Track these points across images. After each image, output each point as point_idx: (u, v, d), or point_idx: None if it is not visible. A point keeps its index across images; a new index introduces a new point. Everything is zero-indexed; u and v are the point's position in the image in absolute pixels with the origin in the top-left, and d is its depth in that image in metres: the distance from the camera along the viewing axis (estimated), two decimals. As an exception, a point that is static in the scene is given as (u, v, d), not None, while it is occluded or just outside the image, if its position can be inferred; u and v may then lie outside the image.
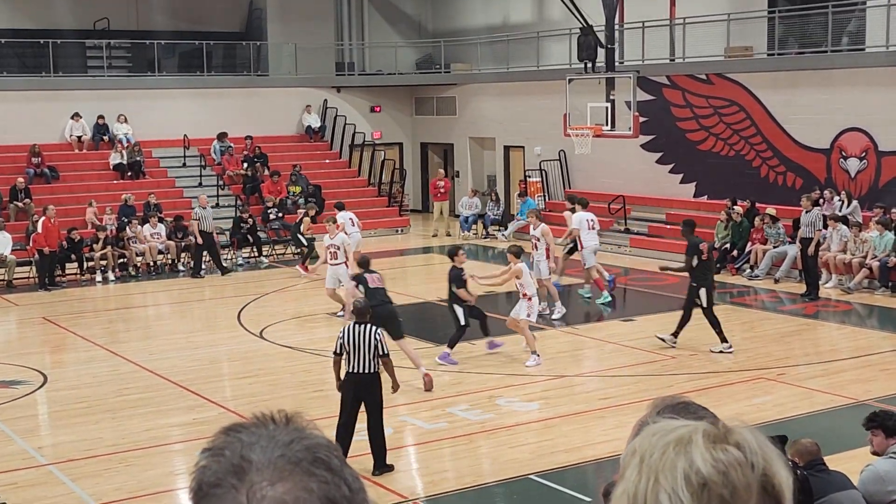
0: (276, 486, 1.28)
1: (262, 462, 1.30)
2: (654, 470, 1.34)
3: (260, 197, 28.27)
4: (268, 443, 1.32)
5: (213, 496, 1.29)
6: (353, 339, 10.62)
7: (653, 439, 1.38)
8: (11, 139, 27.73)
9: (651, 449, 1.36)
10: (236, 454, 1.31)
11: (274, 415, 1.39)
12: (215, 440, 1.36)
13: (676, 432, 1.37)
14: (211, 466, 1.32)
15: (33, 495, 10.17)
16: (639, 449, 1.38)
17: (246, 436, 1.34)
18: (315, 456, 1.32)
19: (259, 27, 33.62)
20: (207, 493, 1.30)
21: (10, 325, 19.62)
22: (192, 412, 12.95)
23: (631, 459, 1.38)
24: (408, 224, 30.36)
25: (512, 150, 31.17)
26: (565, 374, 14.42)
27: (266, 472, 1.29)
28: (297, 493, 1.28)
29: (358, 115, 32.97)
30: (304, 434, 1.35)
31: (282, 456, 1.30)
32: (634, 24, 26.50)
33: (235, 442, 1.34)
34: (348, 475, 1.34)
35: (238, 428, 1.37)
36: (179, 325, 19.13)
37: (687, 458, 1.32)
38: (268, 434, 1.34)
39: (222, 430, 1.38)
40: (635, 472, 1.36)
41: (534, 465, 10.76)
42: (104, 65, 30.98)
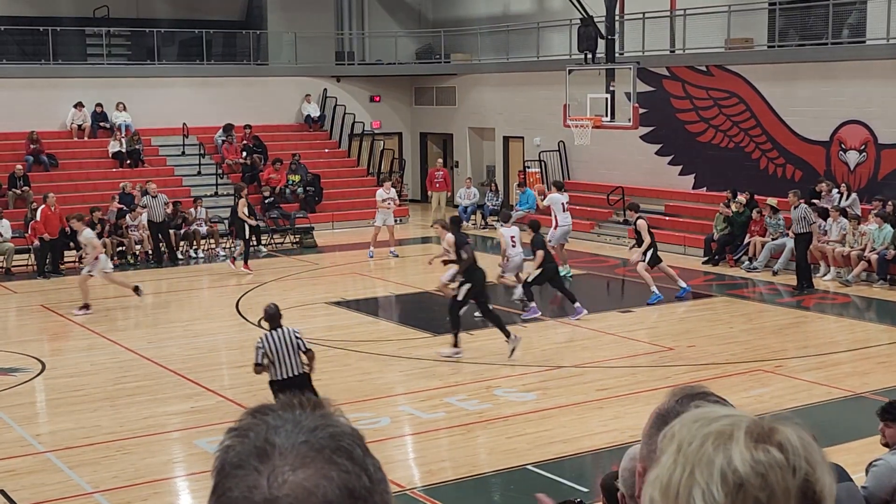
0: (297, 471, 1.29)
1: (285, 446, 1.31)
2: (691, 462, 1.30)
3: (258, 186, 28.26)
4: (293, 427, 1.33)
5: (234, 476, 1.31)
6: (275, 346, 10.59)
7: (693, 427, 1.34)
8: (11, 126, 27.70)
9: (690, 437, 1.32)
10: (261, 437, 1.32)
11: (301, 400, 1.39)
12: (242, 421, 1.37)
13: (718, 423, 1.32)
14: (235, 447, 1.33)
15: (31, 482, 10.18)
16: (677, 435, 1.34)
17: (272, 419, 1.35)
18: (338, 444, 1.33)
19: (259, 16, 33.57)
20: (230, 472, 1.32)
21: (9, 312, 19.62)
22: (190, 400, 12.96)
23: (668, 445, 1.34)
24: (407, 214, 30.34)
25: (511, 140, 31.16)
26: (563, 364, 14.43)
27: (289, 457, 1.30)
28: (317, 480, 1.28)
29: (357, 104, 32.94)
30: (330, 421, 1.36)
31: (305, 442, 1.31)
32: (635, 14, 26.46)
33: (261, 424, 1.34)
34: (370, 465, 1.34)
35: (265, 410, 1.38)
36: (178, 313, 19.12)
37: (725, 455, 1.28)
38: (293, 419, 1.35)
39: (249, 412, 1.39)
40: (671, 460, 1.32)
41: (531, 455, 10.78)
42: (104, 53, 30.94)
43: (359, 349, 15.45)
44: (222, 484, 1.32)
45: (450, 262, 15.42)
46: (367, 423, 11.82)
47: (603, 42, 22.54)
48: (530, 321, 16.93)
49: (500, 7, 32.71)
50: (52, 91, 28.62)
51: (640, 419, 10.50)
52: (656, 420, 2.04)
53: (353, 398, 12.90)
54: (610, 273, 22.32)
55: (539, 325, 16.99)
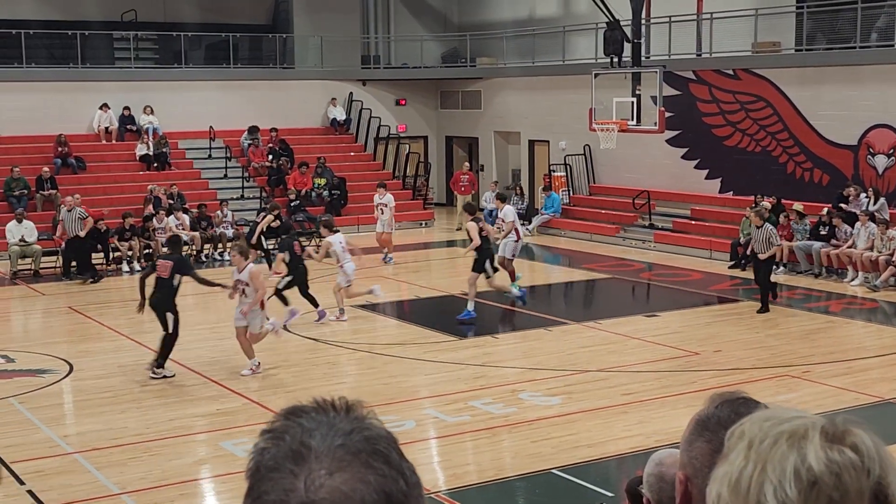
0: (334, 475, 1.28)
1: (321, 450, 1.30)
2: (763, 458, 1.30)
3: (284, 189, 28.36)
4: (328, 430, 1.32)
5: (270, 479, 1.30)
6: None
7: (765, 425, 1.33)
8: (39, 129, 27.93)
9: (762, 435, 1.32)
10: (296, 439, 1.31)
11: (335, 401, 1.38)
12: (276, 423, 1.36)
13: (791, 423, 1.32)
14: (270, 449, 1.32)
15: (59, 483, 10.25)
16: (748, 433, 1.33)
17: (307, 421, 1.34)
18: (374, 448, 1.32)
19: (285, 20, 33.69)
20: (265, 475, 1.31)
21: (37, 314, 19.77)
22: (215, 403, 13.01)
23: (738, 443, 1.34)
24: (432, 217, 30.37)
25: (537, 144, 31.13)
26: (588, 368, 14.40)
27: (325, 461, 1.29)
28: (354, 484, 1.27)
29: (383, 108, 33.00)
30: (365, 424, 1.35)
31: (341, 445, 1.30)
32: (661, 18, 26.39)
33: (296, 427, 1.33)
34: (406, 469, 1.34)
35: (299, 412, 1.36)
36: (204, 315, 19.20)
37: (800, 454, 1.28)
38: (328, 421, 1.34)
39: (283, 414, 1.37)
40: (741, 457, 1.32)
41: (556, 459, 10.76)
42: (131, 56, 31.14)
43: (384, 352, 15.47)
44: (258, 487, 1.31)
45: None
46: (392, 427, 11.75)
47: (629, 46, 22.49)
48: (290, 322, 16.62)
49: (526, 11, 32.70)
50: (80, 94, 28.83)
51: (666, 424, 10.49)
52: (696, 427, 2.04)
53: (379, 401, 12.90)
54: (635, 277, 22.25)
55: (564, 328, 16.96)
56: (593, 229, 27.10)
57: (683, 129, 26.04)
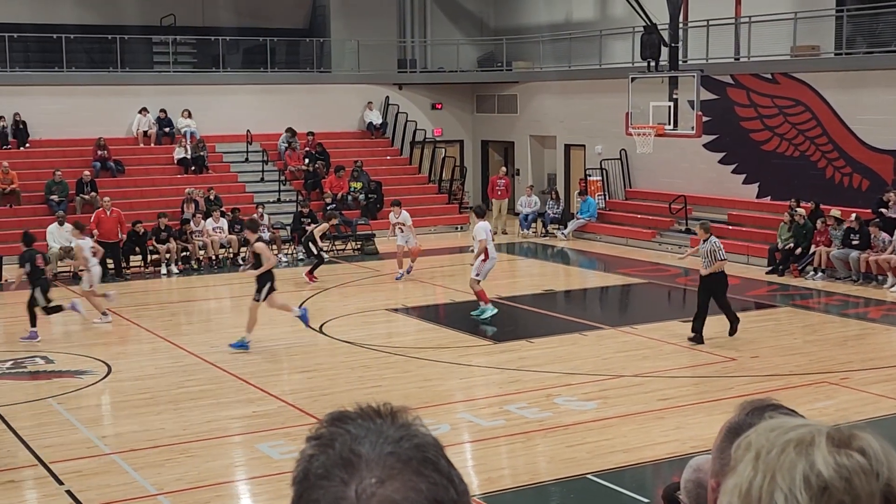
0: (385, 483, 1.26)
1: (371, 458, 1.28)
2: (772, 468, 1.30)
3: (320, 192, 28.47)
4: (377, 438, 1.30)
5: (319, 487, 1.28)
6: None
7: (771, 435, 1.34)
8: (79, 133, 28.22)
9: (769, 445, 1.32)
10: (346, 447, 1.30)
11: (380, 408, 1.37)
12: (322, 430, 1.34)
13: (797, 431, 1.33)
14: (319, 457, 1.31)
15: (97, 483, 10.33)
16: (755, 444, 1.34)
17: (354, 428, 1.32)
18: (424, 455, 1.30)
19: (322, 24, 33.84)
20: (315, 483, 1.29)
21: (77, 316, 19.93)
22: (252, 405, 13.07)
23: (745, 454, 1.35)
24: (467, 221, 30.34)
25: (573, 148, 31.06)
26: (624, 373, 14.34)
27: (375, 469, 1.27)
28: (406, 493, 1.26)
29: (419, 112, 33.06)
30: (413, 431, 1.33)
31: (392, 453, 1.29)
32: (699, 22, 26.27)
33: (344, 434, 1.32)
34: (455, 477, 1.32)
35: (345, 419, 1.35)
36: (240, 318, 19.26)
37: (808, 460, 1.28)
38: (376, 428, 1.32)
39: (329, 420, 1.36)
40: (749, 468, 1.32)
41: (591, 464, 10.72)
42: (170, 60, 31.39)
43: (419, 356, 15.48)
44: (307, 495, 1.29)
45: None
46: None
47: (666, 49, 22.41)
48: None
49: (563, 15, 32.65)
50: (119, 98, 29.09)
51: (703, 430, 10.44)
52: (728, 433, 2.03)
53: (414, 405, 12.79)
54: (671, 282, 22.14)
55: (599, 333, 16.91)
56: (629, 234, 27.00)
57: (721, 134, 25.89)
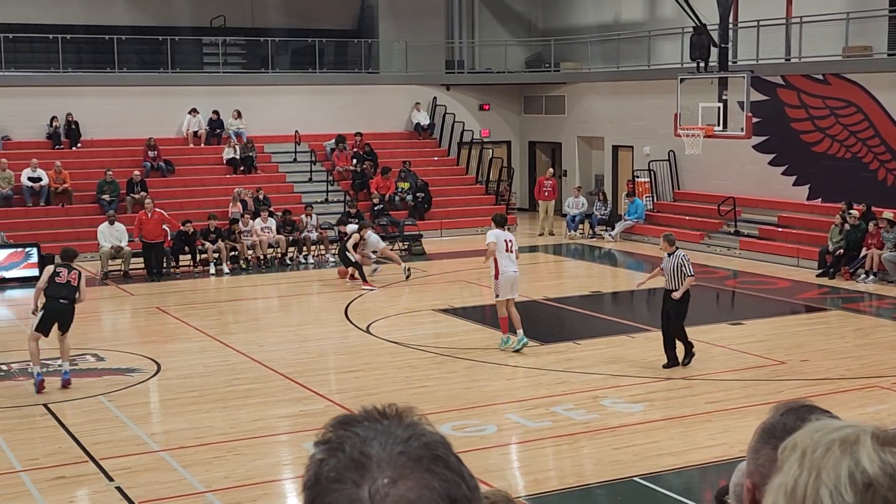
0: (397, 483, 1.27)
1: (382, 458, 1.29)
2: (817, 466, 1.32)
3: (368, 193, 28.57)
4: (386, 438, 1.31)
5: (332, 491, 1.29)
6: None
7: (815, 436, 1.36)
8: (130, 133, 28.54)
9: (814, 445, 1.35)
10: (356, 449, 1.30)
11: (385, 409, 1.37)
12: (330, 433, 1.35)
13: (842, 431, 1.35)
14: (329, 461, 1.31)
15: (146, 480, 10.44)
16: (800, 444, 1.36)
17: (361, 430, 1.33)
18: (434, 453, 1.31)
19: (371, 25, 33.95)
20: (327, 487, 1.29)
21: (126, 314, 20.19)
22: (299, 404, 13.14)
23: (791, 454, 1.37)
24: (514, 222, 30.28)
25: (621, 149, 30.93)
26: (671, 376, 14.25)
27: (387, 469, 1.28)
28: (419, 491, 1.27)
29: (467, 112, 33.07)
30: (420, 430, 1.34)
31: (402, 453, 1.30)
32: (749, 22, 26.04)
33: (352, 436, 1.32)
34: (466, 473, 1.33)
35: (352, 421, 1.35)
36: (288, 318, 19.44)
37: (853, 458, 1.30)
38: (383, 429, 1.33)
39: (335, 424, 1.36)
40: (795, 466, 1.34)
41: (638, 467, 10.67)
42: (220, 61, 31.65)
43: (466, 356, 15.49)
44: (320, 499, 1.29)
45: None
46: (473, 431, 11.86)
47: (716, 50, 22.24)
48: None
49: (611, 15, 32.51)
50: (170, 99, 29.38)
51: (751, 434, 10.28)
52: (762, 435, 2.04)
53: (460, 405, 12.95)
54: (720, 284, 21.96)
55: (646, 335, 16.81)
56: (677, 235, 26.51)
57: (771, 135, 25.65)
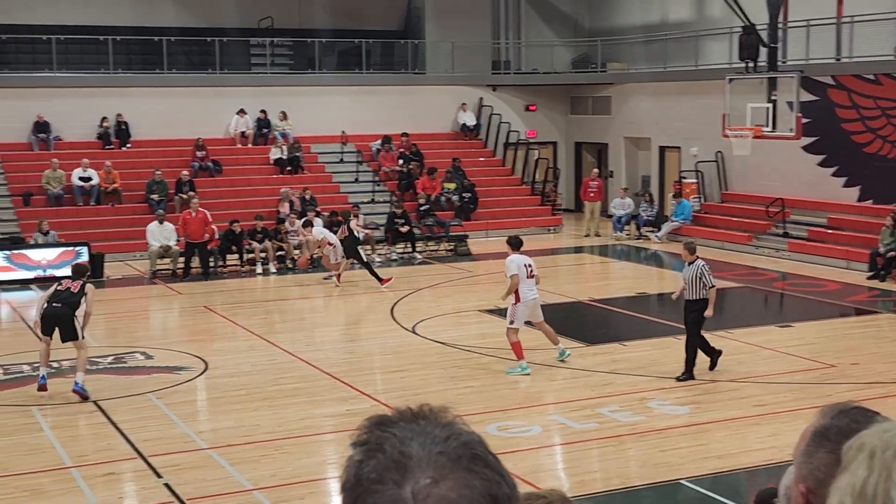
0: (439, 483, 1.27)
1: (422, 458, 1.29)
2: (887, 466, 1.32)
3: (414, 193, 28.62)
4: (424, 438, 1.31)
5: (374, 491, 1.28)
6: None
7: (884, 436, 1.36)
8: (178, 133, 28.80)
9: (883, 445, 1.35)
10: (395, 450, 1.30)
11: (421, 409, 1.37)
12: (367, 434, 1.34)
13: None
14: (368, 462, 1.30)
15: (194, 477, 10.53)
16: (868, 444, 1.36)
17: (399, 431, 1.33)
18: (473, 452, 1.31)
19: (417, 25, 34.01)
20: (368, 488, 1.29)
21: (174, 313, 20.38)
22: (345, 404, 13.19)
23: (857, 454, 1.37)
24: (560, 223, 30.25)
25: (667, 150, 30.75)
26: (718, 378, 14.14)
27: (427, 470, 1.28)
28: (461, 491, 1.27)
29: (513, 113, 33.03)
30: (458, 430, 1.34)
31: (441, 453, 1.29)
32: (799, 22, 25.78)
33: (391, 437, 1.32)
34: (505, 471, 1.33)
35: (388, 422, 1.35)
36: (334, 317, 19.52)
37: None
38: (420, 429, 1.32)
39: (371, 425, 1.35)
40: (863, 467, 1.35)
41: (685, 469, 10.60)
42: (267, 62, 31.85)
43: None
44: (362, 500, 1.29)
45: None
46: (518, 432, 11.84)
47: (765, 50, 22.04)
48: None
49: (658, 15, 32.32)
50: (217, 99, 29.60)
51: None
52: (815, 438, 2.01)
53: (505, 406, 12.94)
54: (768, 287, 21.77)
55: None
56: (725, 237, 26.61)
57: (821, 136, 25.36)
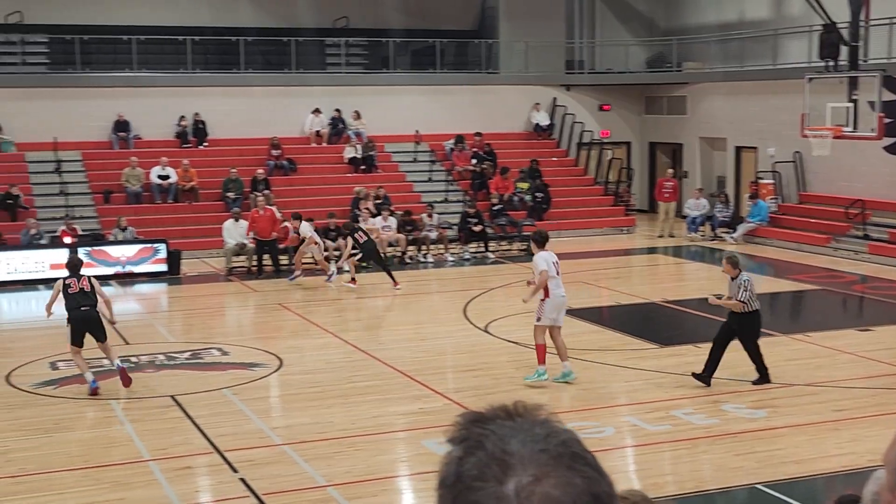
0: (542, 481, 1.26)
1: (524, 456, 1.28)
2: None
3: (487, 193, 28.63)
4: (524, 436, 1.30)
5: (476, 489, 1.27)
6: None
7: None
8: (254, 132, 29.14)
9: None
10: (497, 447, 1.29)
11: (516, 407, 1.36)
12: (465, 431, 1.33)
13: None
14: (469, 459, 1.29)
15: (269, 472, 10.65)
16: None
17: (496, 428, 1.31)
18: (572, 451, 1.30)
19: (491, 25, 34.00)
20: (469, 485, 1.28)
21: (249, 310, 20.63)
22: (417, 402, 13.23)
23: None
24: (633, 224, 30.03)
25: (744, 150, 30.36)
26: (795, 382, 13.93)
27: (530, 467, 1.27)
28: (564, 489, 1.26)
29: (586, 113, 32.88)
30: (556, 428, 1.33)
31: (543, 451, 1.28)
32: (881, 20, 25.28)
33: (490, 434, 1.31)
34: (603, 470, 1.33)
35: (484, 419, 1.34)
36: (407, 316, 19.60)
37: None
38: (518, 427, 1.32)
39: (469, 421, 1.34)
40: None
41: (761, 474, 10.46)
42: (342, 62, 32.08)
43: (583, 357, 15.39)
44: (464, 497, 1.28)
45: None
46: (591, 433, 11.78)
47: (846, 49, 21.67)
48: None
49: (735, 14, 31.93)
50: (293, 99, 29.90)
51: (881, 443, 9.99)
52: None
53: (578, 407, 12.89)
54: (847, 289, 21.40)
55: (769, 340, 16.44)
56: (802, 239, 26.21)
57: (902, 136, 24.86)
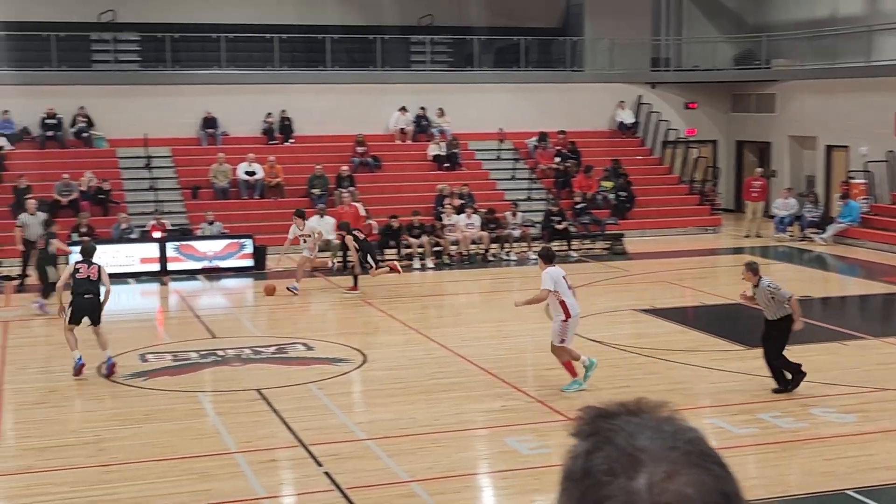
0: (673, 478, 1.25)
1: (655, 452, 1.27)
2: None
3: (570, 191, 28.49)
4: (653, 433, 1.29)
5: (605, 483, 1.27)
6: None
7: None
8: (340, 129, 29.38)
9: None
10: (627, 442, 1.28)
11: (640, 403, 1.35)
12: (591, 426, 1.32)
13: None
14: (598, 453, 1.29)
15: (353, 467, 10.72)
16: None
17: (624, 424, 1.31)
18: (701, 449, 1.30)
19: (576, 23, 33.83)
20: (599, 479, 1.28)
21: (334, 305, 20.80)
22: (500, 399, 13.22)
23: None
24: (719, 223, 29.65)
25: (834, 149, 29.78)
26: (887, 387, 13.63)
27: (661, 464, 1.26)
28: (696, 487, 1.26)
29: (672, 111, 32.55)
30: (683, 426, 1.33)
31: (673, 448, 1.28)
32: (979, 16, 24.64)
33: (618, 429, 1.30)
34: (730, 469, 1.32)
35: (610, 415, 1.33)
36: (490, 313, 19.58)
37: None
38: (644, 423, 1.31)
39: (595, 416, 1.34)
40: None
41: (851, 480, 10.25)
42: (427, 60, 32.18)
43: (667, 358, 15.25)
44: (594, 491, 1.28)
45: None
46: (675, 434, 11.65)
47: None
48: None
49: (827, 10, 31.33)
50: (378, 96, 30.08)
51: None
52: None
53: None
54: (941, 292, 20.86)
55: (860, 343, 16.15)
56: (895, 240, 25.63)
57: None
